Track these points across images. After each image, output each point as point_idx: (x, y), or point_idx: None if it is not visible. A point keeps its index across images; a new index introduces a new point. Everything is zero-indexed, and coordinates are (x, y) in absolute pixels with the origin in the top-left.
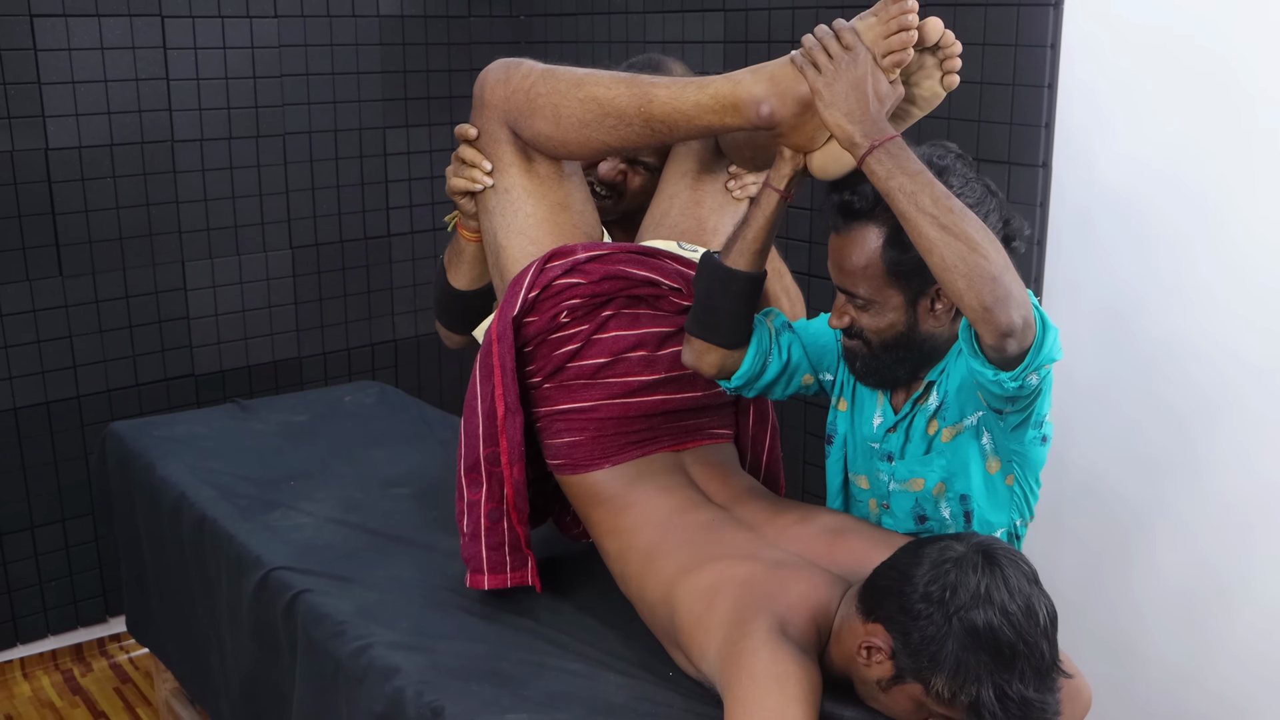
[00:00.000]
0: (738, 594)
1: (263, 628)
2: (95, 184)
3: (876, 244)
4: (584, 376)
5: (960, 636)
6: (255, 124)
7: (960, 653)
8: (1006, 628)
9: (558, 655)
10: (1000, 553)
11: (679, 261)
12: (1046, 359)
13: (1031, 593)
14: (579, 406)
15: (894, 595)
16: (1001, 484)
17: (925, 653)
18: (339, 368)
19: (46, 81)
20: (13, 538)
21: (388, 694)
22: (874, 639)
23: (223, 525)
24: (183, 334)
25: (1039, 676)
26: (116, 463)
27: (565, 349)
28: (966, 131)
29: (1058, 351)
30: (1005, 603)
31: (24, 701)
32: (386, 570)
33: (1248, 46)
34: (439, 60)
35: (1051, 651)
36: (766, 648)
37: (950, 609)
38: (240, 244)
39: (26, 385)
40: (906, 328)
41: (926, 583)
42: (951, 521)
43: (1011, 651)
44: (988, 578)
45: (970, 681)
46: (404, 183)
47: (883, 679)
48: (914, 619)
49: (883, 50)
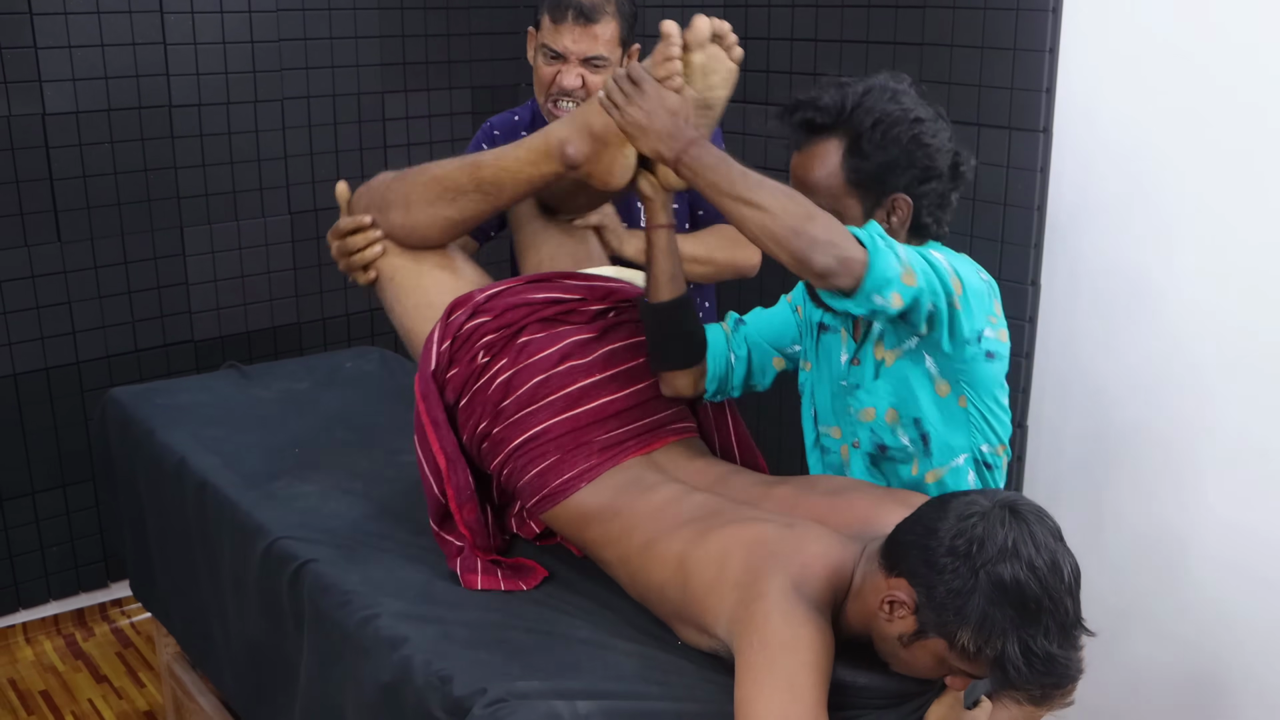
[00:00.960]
0: (748, 553)
1: (268, 597)
2: (93, 149)
3: (837, 155)
4: (526, 404)
5: (986, 590)
6: (253, 89)
7: (986, 606)
8: (1033, 582)
9: (567, 624)
10: (1025, 508)
11: (572, 276)
12: (880, 281)
13: (1057, 549)
14: (533, 433)
15: (918, 549)
16: (955, 406)
17: (950, 606)
18: (338, 333)
19: (43, 46)
20: (14, 503)
21: (395, 663)
22: (897, 593)
23: (226, 493)
24: (182, 300)
25: (1063, 632)
26: (117, 429)
27: (496, 383)
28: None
29: (890, 271)
30: (1031, 557)
31: (26, 666)
32: (393, 539)
33: (1247, 51)
34: (437, 25)
35: (1075, 608)
36: (778, 610)
37: (977, 562)
38: (239, 209)
39: (26, 351)
40: None
41: (952, 536)
42: (911, 447)
43: (1037, 606)
44: (1014, 532)
45: (996, 636)
46: (403, 148)
47: (905, 634)
48: (939, 573)
49: (660, 75)
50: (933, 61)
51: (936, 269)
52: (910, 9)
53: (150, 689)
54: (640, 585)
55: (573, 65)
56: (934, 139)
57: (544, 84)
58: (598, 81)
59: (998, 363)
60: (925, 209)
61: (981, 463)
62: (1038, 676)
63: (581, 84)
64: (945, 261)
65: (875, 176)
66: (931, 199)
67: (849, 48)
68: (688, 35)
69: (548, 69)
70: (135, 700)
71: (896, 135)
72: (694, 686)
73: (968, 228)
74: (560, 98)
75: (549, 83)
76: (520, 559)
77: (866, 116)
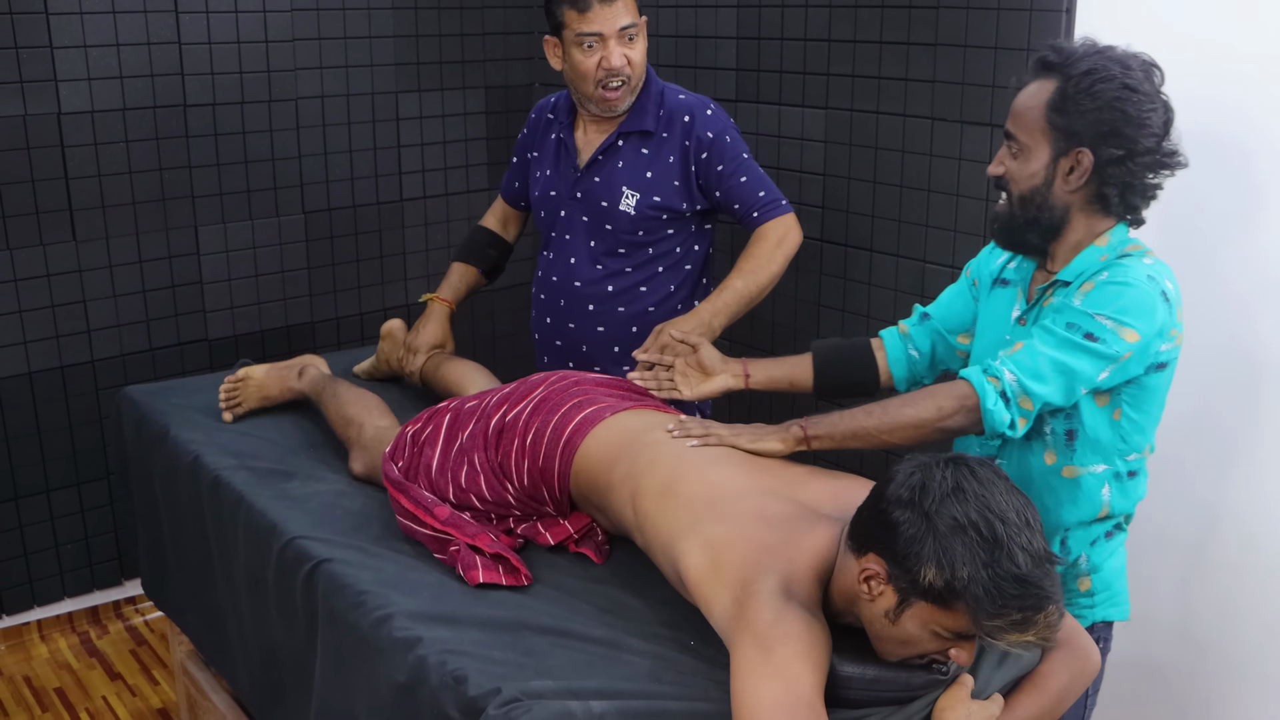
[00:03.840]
0: (744, 550)
1: (282, 597)
2: (108, 148)
3: (1047, 94)
4: (532, 388)
5: (938, 527)
6: (268, 88)
7: (942, 541)
8: (986, 510)
9: (580, 624)
10: (967, 457)
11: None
12: (997, 424)
13: (1002, 485)
14: (542, 397)
15: (874, 517)
16: (1109, 418)
17: (911, 554)
18: (352, 332)
19: (58, 46)
20: (29, 501)
21: (410, 664)
22: (870, 566)
23: (240, 492)
24: (196, 298)
25: (1030, 556)
26: (131, 428)
27: (423, 437)
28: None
29: (998, 417)
30: (977, 490)
31: (41, 663)
32: (406, 539)
33: (1262, 52)
34: (451, 24)
35: (1038, 540)
36: (769, 608)
37: (924, 506)
38: (253, 209)
39: (41, 350)
40: (1044, 184)
41: (898, 491)
42: (1051, 437)
43: (992, 533)
44: (955, 473)
45: (960, 565)
46: (416, 147)
47: (889, 609)
48: (894, 528)
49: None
50: (946, 62)
51: (1069, 374)
52: (924, 9)
53: (164, 687)
54: (648, 531)
55: (613, 44)
56: (1139, 112)
57: (589, 74)
58: (635, 55)
59: (1166, 371)
60: (1110, 180)
61: (1124, 474)
62: (1012, 601)
63: (627, 62)
64: (1110, 324)
65: (1070, 124)
66: (1120, 173)
67: (862, 48)
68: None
69: (589, 58)
70: (149, 698)
71: (1100, 91)
72: (707, 686)
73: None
74: (609, 79)
75: (594, 70)
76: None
77: (1084, 64)
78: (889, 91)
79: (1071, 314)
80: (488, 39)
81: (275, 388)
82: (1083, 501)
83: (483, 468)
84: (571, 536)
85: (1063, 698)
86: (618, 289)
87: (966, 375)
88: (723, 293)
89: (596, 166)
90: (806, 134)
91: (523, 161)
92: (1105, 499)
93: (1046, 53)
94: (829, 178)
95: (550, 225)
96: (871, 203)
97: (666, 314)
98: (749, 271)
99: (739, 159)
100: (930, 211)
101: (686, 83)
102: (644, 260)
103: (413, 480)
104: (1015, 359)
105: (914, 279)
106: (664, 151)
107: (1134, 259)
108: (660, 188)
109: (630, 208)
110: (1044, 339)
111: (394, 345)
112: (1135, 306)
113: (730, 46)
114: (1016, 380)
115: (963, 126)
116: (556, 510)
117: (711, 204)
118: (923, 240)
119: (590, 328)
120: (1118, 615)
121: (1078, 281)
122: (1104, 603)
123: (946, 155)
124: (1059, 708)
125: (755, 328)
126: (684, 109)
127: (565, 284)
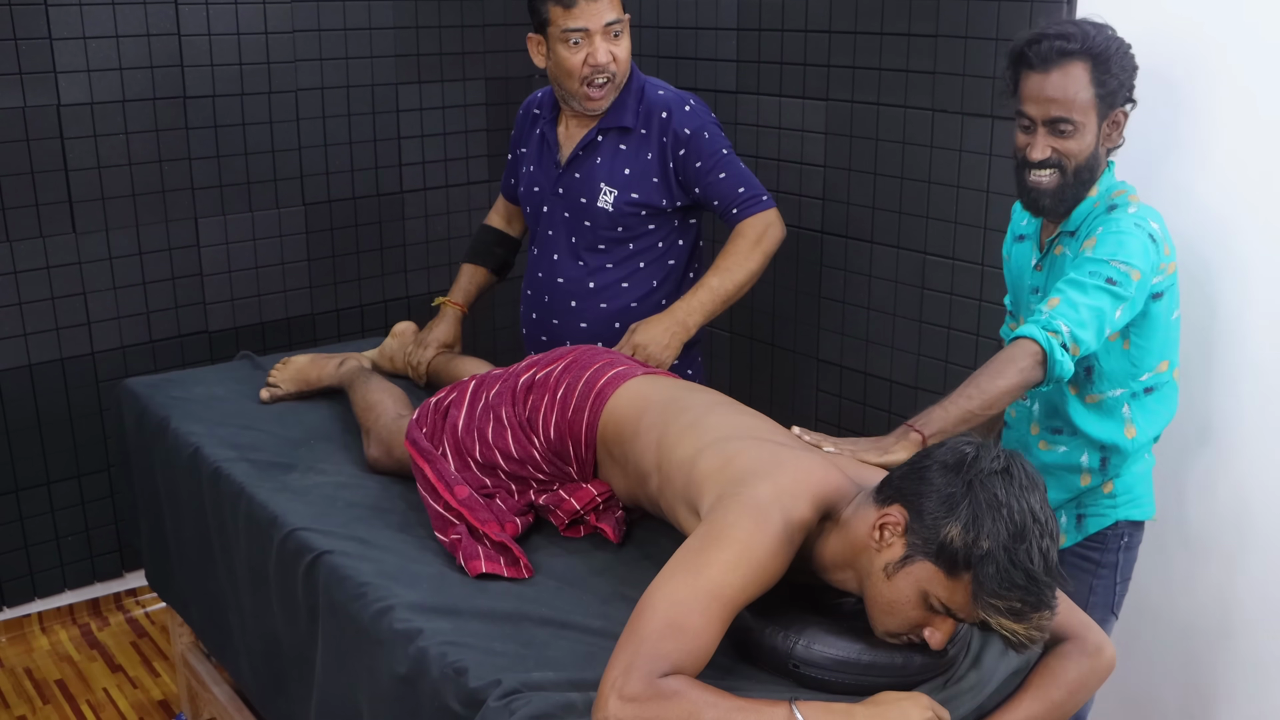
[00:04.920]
0: (756, 455)
1: (283, 588)
2: (107, 140)
3: (1086, 75)
4: (494, 382)
5: (977, 495)
6: (268, 80)
7: (977, 508)
8: (1024, 503)
9: (580, 615)
10: (1021, 454)
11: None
12: (1065, 373)
13: (1041, 492)
14: (574, 359)
15: (911, 474)
16: (1118, 348)
17: (941, 510)
18: (352, 324)
19: (58, 37)
20: (29, 493)
21: (411, 655)
22: (889, 515)
23: (241, 484)
24: (196, 291)
25: (1045, 562)
26: (132, 420)
27: (447, 402)
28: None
29: (1067, 366)
30: (1023, 483)
31: (42, 655)
32: (407, 530)
33: (1264, 44)
34: (451, 15)
35: (1054, 553)
36: (733, 512)
37: (969, 474)
38: (253, 201)
39: (41, 342)
40: (1095, 147)
41: (944, 456)
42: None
43: (1022, 524)
44: (1008, 457)
45: (984, 536)
46: (416, 139)
47: (890, 563)
48: (931, 484)
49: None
50: (947, 53)
51: (1100, 317)
52: (924, 0)
53: (165, 678)
54: (665, 455)
55: (598, 39)
56: (1134, 62)
57: (575, 71)
58: (620, 53)
59: (1164, 299)
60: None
61: (1140, 392)
62: (1018, 591)
63: (612, 58)
64: (1122, 266)
65: (1113, 93)
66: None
67: (862, 39)
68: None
69: (575, 55)
70: (150, 690)
71: (1129, 57)
72: (707, 676)
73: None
74: (595, 76)
75: (579, 67)
76: (518, 551)
77: (1109, 44)
78: (889, 83)
79: (1090, 264)
80: (488, 31)
81: (314, 373)
82: (1106, 419)
83: (510, 422)
84: (595, 500)
85: (1074, 693)
86: (599, 285)
87: (1028, 334)
88: (698, 291)
89: (576, 163)
90: (807, 126)
91: (515, 158)
92: (1127, 415)
93: (1054, 43)
94: (829, 169)
95: (535, 221)
96: (872, 194)
97: (649, 309)
98: (725, 270)
99: (718, 155)
100: (931, 203)
101: (687, 74)
102: (625, 256)
103: (437, 444)
104: (1060, 312)
105: (914, 270)
106: (643, 148)
107: (1120, 209)
108: (639, 184)
109: (608, 204)
110: (1076, 290)
111: (403, 344)
112: (1132, 250)
113: (731, 38)
114: (1070, 331)
115: (963, 118)
116: (579, 473)
117: (692, 200)
118: (923, 232)
119: (573, 323)
120: (1140, 515)
121: (1082, 230)
122: (1125, 504)
123: (947, 147)
124: (1070, 702)
125: (755, 319)
126: (661, 105)
127: (549, 280)
